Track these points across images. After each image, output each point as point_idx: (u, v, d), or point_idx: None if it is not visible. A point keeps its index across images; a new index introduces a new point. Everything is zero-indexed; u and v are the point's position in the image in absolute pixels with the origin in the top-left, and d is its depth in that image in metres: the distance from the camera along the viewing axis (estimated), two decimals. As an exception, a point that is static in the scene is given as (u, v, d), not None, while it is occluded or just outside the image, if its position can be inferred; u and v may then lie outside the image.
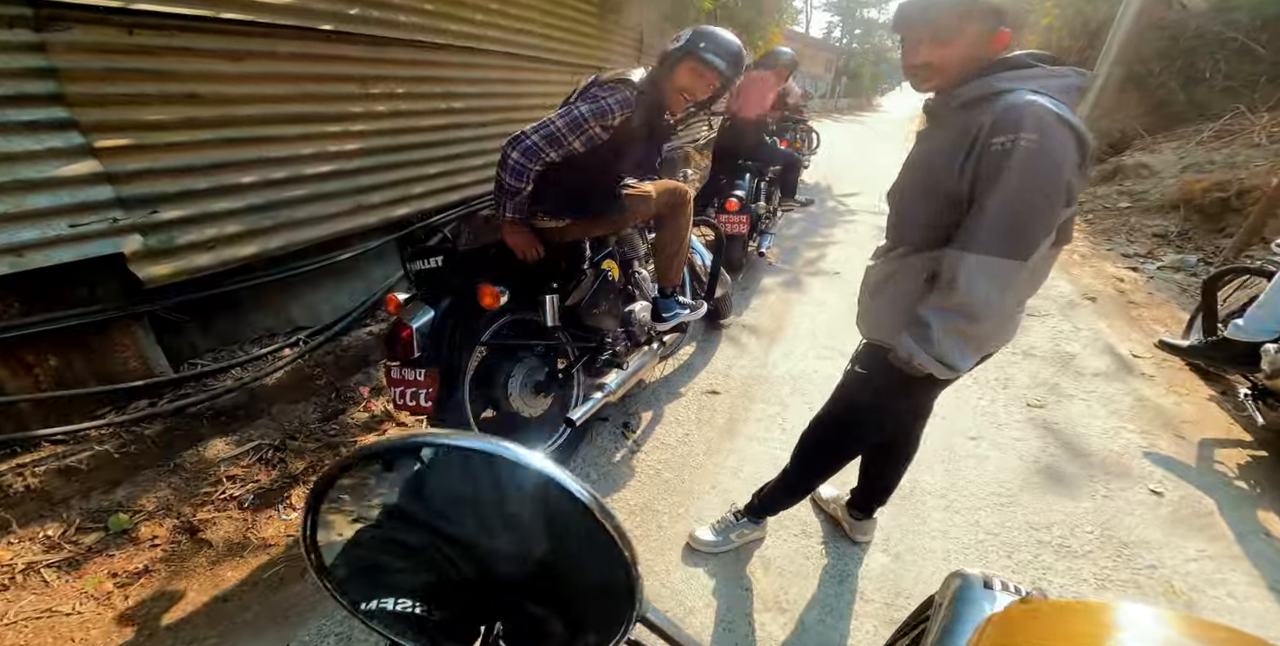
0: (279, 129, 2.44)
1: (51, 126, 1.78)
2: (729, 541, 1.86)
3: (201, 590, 1.68)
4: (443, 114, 3.25)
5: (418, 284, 1.86)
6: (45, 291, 1.87)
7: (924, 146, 1.28)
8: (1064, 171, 1.03)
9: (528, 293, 1.92)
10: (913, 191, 1.28)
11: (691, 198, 2.27)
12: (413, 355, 1.67)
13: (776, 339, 3.36)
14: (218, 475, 2.06)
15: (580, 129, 1.73)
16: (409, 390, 1.72)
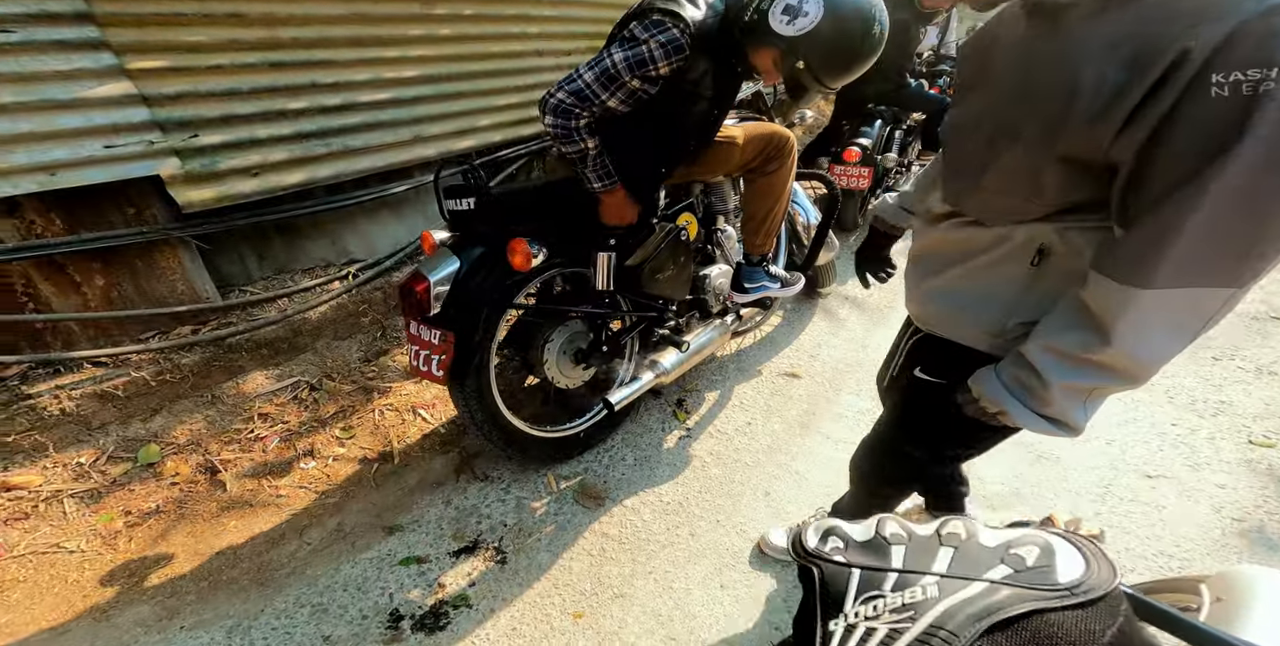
0: (331, 52, 2.29)
1: (80, 46, 1.72)
2: None
3: (201, 538, 1.66)
4: (516, 39, 2.95)
5: (453, 226, 1.63)
6: (88, 210, 1.89)
7: (1025, 56, 0.74)
8: None
9: (578, 246, 1.63)
10: (1001, 134, 0.75)
11: (794, 146, 1.82)
12: (428, 313, 1.46)
13: (884, 317, 2.79)
14: (252, 411, 2.07)
15: (614, 83, 1.35)
16: (423, 353, 1.52)
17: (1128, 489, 1.80)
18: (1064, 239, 0.76)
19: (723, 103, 1.56)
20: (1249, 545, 1.62)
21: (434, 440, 2.01)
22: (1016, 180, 0.75)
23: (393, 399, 2.18)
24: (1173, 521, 1.69)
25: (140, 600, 1.49)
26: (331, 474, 1.88)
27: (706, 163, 1.73)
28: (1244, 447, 1.93)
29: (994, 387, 0.81)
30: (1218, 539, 1.64)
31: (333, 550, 1.62)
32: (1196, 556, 1.59)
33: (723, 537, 1.66)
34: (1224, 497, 1.76)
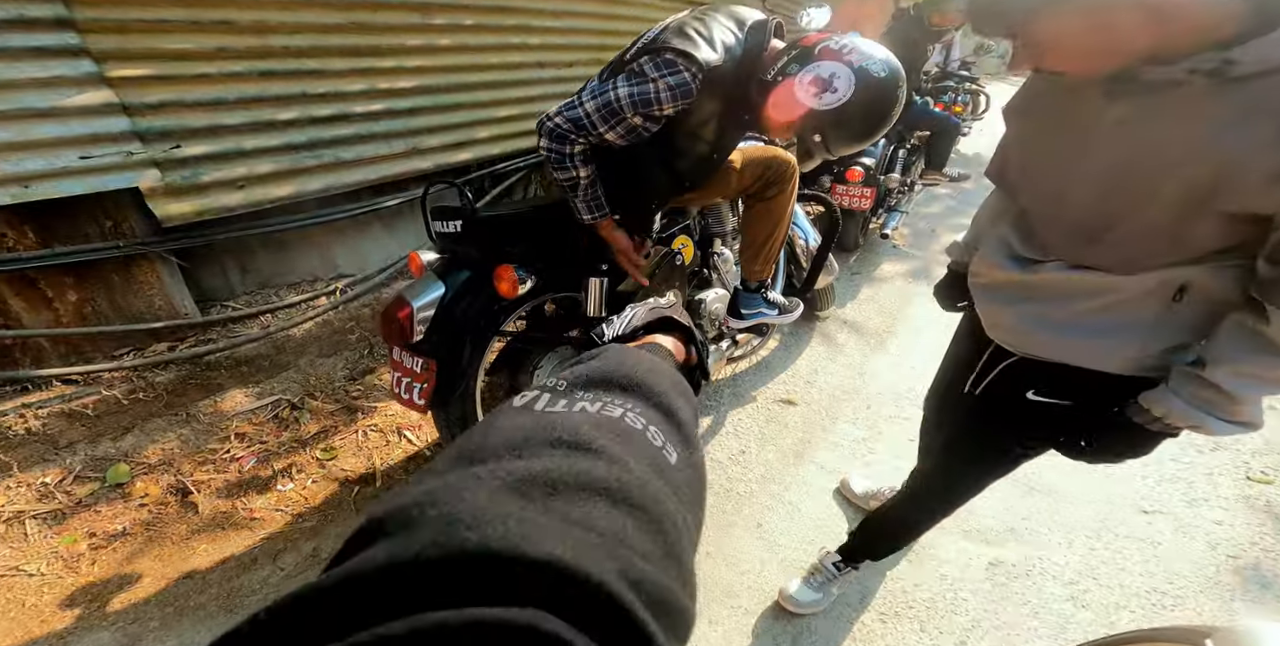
0: (325, 62, 2.27)
1: (59, 53, 1.69)
2: (830, 596, 1.54)
3: (169, 562, 1.61)
4: (517, 50, 2.95)
5: (440, 248, 1.60)
6: (63, 223, 1.85)
7: (1132, 132, 0.78)
8: None
9: (569, 271, 1.61)
10: (1123, 199, 0.81)
11: (795, 171, 1.79)
12: (410, 339, 1.42)
13: (883, 342, 2.78)
14: (229, 430, 2.02)
15: (614, 117, 1.30)
16: (405, 380, 1.49)
17: (1123, 524, 1.79)
18: (1209, 277, 0.81)
19: (723, 148, 1.54)
20: (1243, 583, 1.61)
21: (418, 463, 1.97)
22: (1155, 237, 0.80)
23: (377, 419, 2.14)
24: (1167, 558, 1.68)
25: (100, 626, 1.44)
26: (310, 496, 1.83)
27: (701, 189, 1.70)
28: (1242, 484, 1.93)
29: (1182, 407, 0.86)
30: (1212, 576, 1.63)
31: (307, 576, 1.58)
32: (1190, 594, 1.58)
33: (712, 570, 1.63)
34: (1220, 534, 1.76)
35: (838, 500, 1.87)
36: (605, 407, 0.36)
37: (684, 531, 0.31)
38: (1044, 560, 1.68)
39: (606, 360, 0.43)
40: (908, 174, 3.60)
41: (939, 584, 1.61)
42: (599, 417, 0.35)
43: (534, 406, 0.35)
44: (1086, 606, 1.55)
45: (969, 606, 1.56)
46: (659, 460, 0.34)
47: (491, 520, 0.24)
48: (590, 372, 0.40)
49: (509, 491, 0.27)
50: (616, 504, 0.28)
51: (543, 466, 0.29)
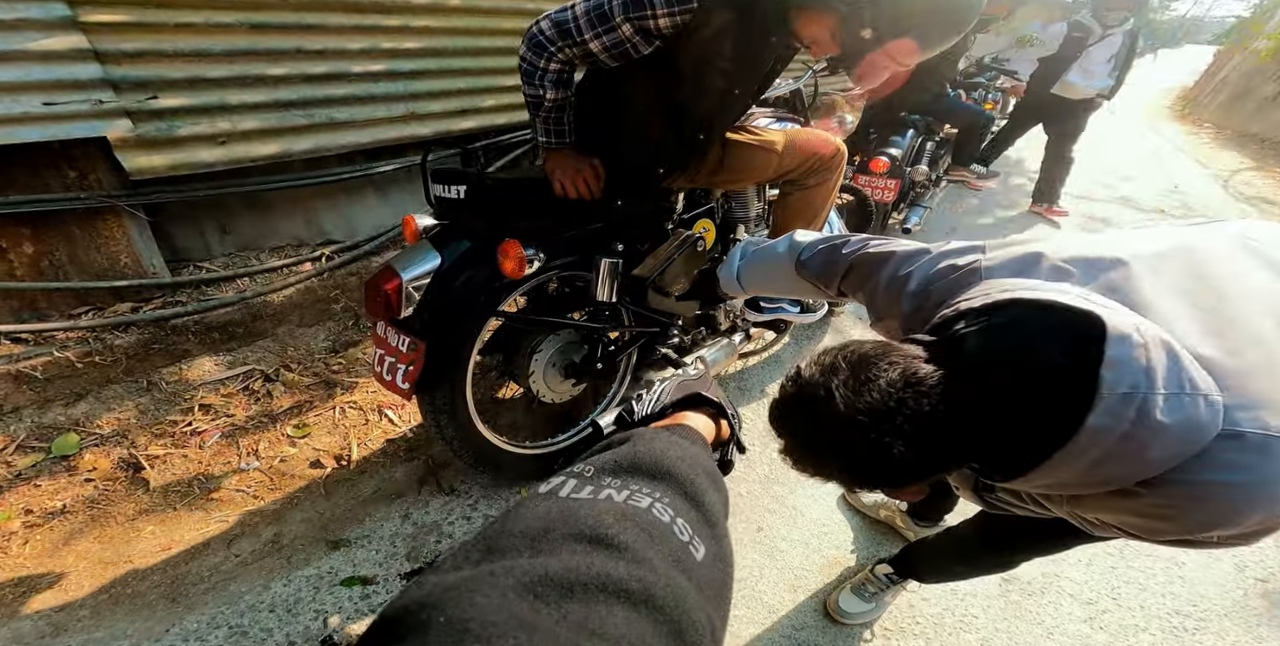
0: (323, 17, 2.13)
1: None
2: (883, 606, 1.46)
3: (109, 545, 1.48)
4: (529, 15, 2.81)
5: (439, 214, 1.45)
6: (21, 171, 1.71)
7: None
8: None
9: (580, 249, 1.48)
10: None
11: (844, 161, 1.66)
12: (397, 315, 1.28)
13: (896, 341, 2.67)
14: (193, 401, 1.89)
15: (604, 23, 1.13)
16: (388, 360, 1.35)
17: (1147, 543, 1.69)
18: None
19: (743, 79, 1.31)
20: (1270, 607, 1.54)
21: (399, 445, 1.85)
22: None
23: (357, 396, 2.01)
24: (1192, 579, 1.60)
25: (22, 614, 1.31)
26: (276, 476, 1.71)
27: (733, 170, 1.56)
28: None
29: None
30: (1238, 600, 1.55)
31: (264, 564, 1.45)
32: (1213, 617, 1.50)
33: (710, 576, 1.52)
34: (1249, 556, 1.68)
35: (843, 507, 1.76)
36: (632, 497, 0.35)
37: (706, 632, 0.31)
38: (1061, 577, 1.58)
39: (635, 444, 0.42)
40: (934, 168, 3.49)
41: (949, 598, 1.51)
42: (625, 507, 0.34)
43: (559, 492, 0.35)
44: (1104, 628, 1.46)
45: (979, 623, 1.46)
46: (684, 557, 0.33)
47: (502, 633, 0.24)
48: (619, 458, 0.39)
49: (523, 593, 0.27)
50: (636, 606, 0.28)
51: (560, 565, 0.29)
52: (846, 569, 1.58)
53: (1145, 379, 0.52)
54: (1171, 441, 0.53)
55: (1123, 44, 3.67)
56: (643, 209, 1.57)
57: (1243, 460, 0.53)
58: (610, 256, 1.49)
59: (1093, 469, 0.56)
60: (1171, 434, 0.52)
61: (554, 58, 1.19)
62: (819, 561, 1.59)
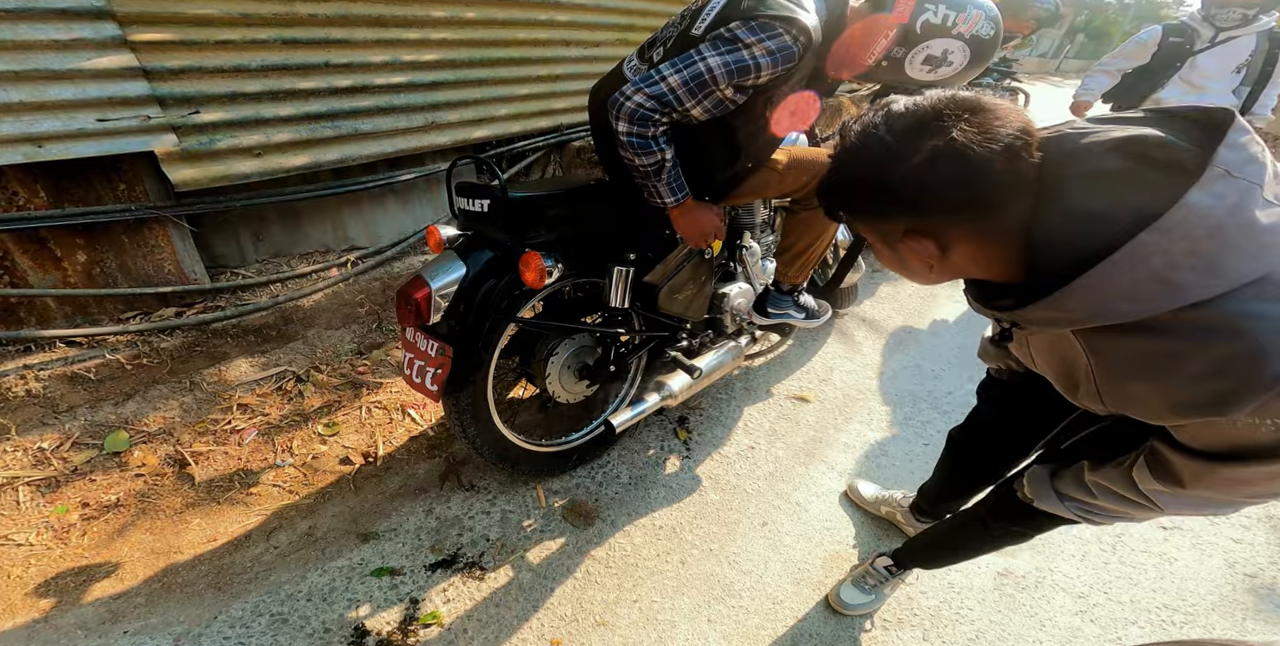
0: (349, 31, 2.24)
1: (82, 15, 1.69)
2: (883, 597, 1.53)
3: (160, 536, 1.61)
4: (544, 27, 2.90)
5: (462, 225, 1.55)
6: (76, 184, 1.85)
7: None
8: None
9: (594, 258, 1.57)
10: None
11: None
12: (427, 322, 1.38)
13: (903, 342, 2.73)
14: (231, 401, 2.02)
15: (704, 90, 1.22)
16: (417, 363, 1.45)
17: (1140, 539, 1.75)
18: None
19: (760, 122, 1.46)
20: (1258, 602, 1.58)
21: (421, 443, 1.97)
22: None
23: (382, 396, 2.13)
24: (1181, 574, 1.66)
25: (84, 601, 1.44)
26: (309, 473, 1.83)
27: (739, 192, 1.63)
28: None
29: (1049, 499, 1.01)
30: (1227, 595, 1.60)
31: (301, 556, 1.57)
32: (1201, 611, 1.56)
33: (715, 568, 1.61)
34: (1239, 552, 1.72)
35: (845, 504, 1.84)
36: None
37: None
38: (1055, 572, 1.65)
39: None
40: None
41: (945, 592, 1.59)
42: None
43: None
44: (1095, 620, 1.53)
45: (974, 616, 1.53)
46: None
47: None
48: None
49: None
50: None
51: None
52: (847, 562, 1.65)
53: (1257, 170, 0.52)
54: (1251, 251, 0.53)
55: (1256, 49, 2.75)
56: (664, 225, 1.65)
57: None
58: (622, 265, 1.58)
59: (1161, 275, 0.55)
60: (1255, 240, 0.52)
61: (659, 124, 1.27)
62: (821, 555, 1.67)
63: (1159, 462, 0.76)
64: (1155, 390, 0.63)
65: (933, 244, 0.66)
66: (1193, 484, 0.72)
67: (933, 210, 0.63)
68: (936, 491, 1.56)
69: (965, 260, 0.68)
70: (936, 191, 0.61)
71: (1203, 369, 0.58)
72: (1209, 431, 0.65)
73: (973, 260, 0.67)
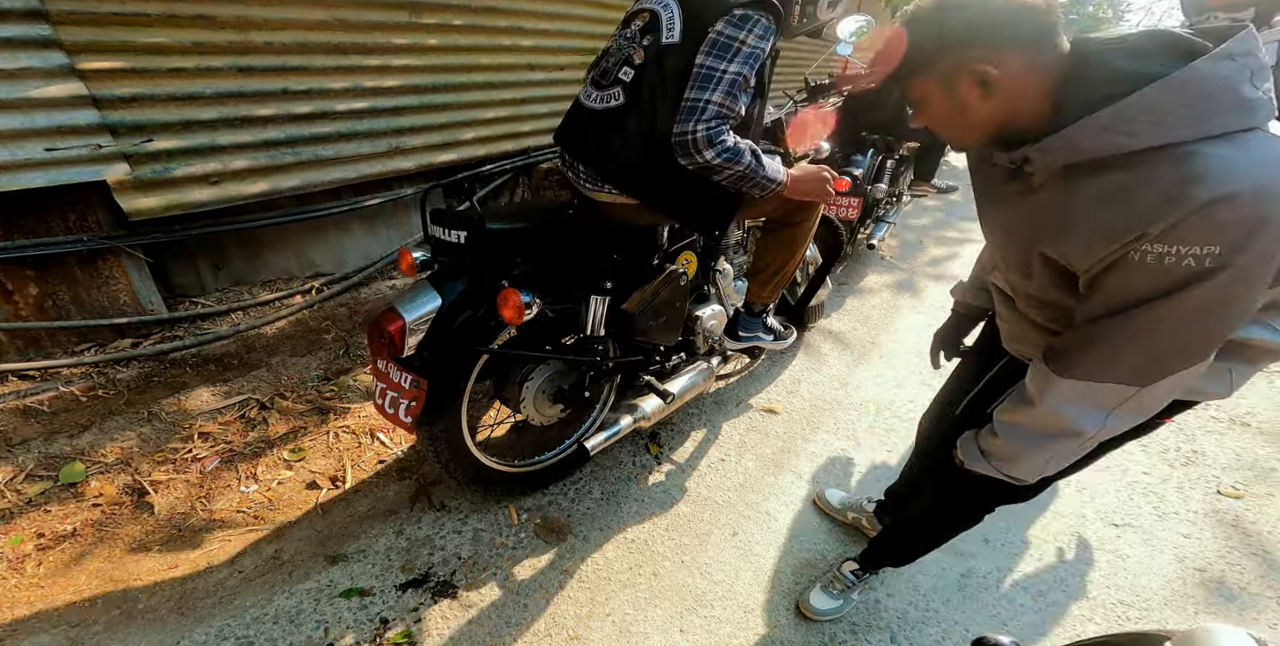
0: (307, 59, 2.31)
1: (29, 44, 1.72)
2: (850, 602, 1.60)
3: (120, 564, 1.60)
4: (508, 52, 3.02)
5: (435, 253, 1.55)
6: (26, 215, 1.86)
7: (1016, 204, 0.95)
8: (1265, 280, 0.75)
9: (572, 288, 1.61)
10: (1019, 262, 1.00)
11: (821, 203, 1.85)
12: (400, 354, 1.36)
13: (867, 354, 2.85)
14: (192, 429, 2.02)
15: (738, 90, 1.35)
16: (390, 394, 1.45)
17: (1093, 537, 1.85)
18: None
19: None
20: (1208, 596, 1.68)
21: (391, 466, 1.99)
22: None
23: (350, 421, 2.16)
24: (1134, 571, 1.75)
25: (41, 628, 1.42)
26: (275, 498, 1.84)
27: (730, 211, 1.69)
28: (1212, 498, 2.01)
29: (974, 452, 1.07)
30: (1178, 589, 1.70)
31: (267, 579, 1.58)
32: (1155, 606, 1.65)
33: (687, 579, 1.66)
34: (1188, 548, 1.83)
35: (813, 511, 1.92)
36: None
37: None
38: (1015, 571, 1.73)
39: None
40: (895, 184, 3.70)
41: (911, 594, 1.66)
42: None
43: None
44: (1054, 618, 1.61)
45: (940, 616, 1.60)
46: None
47: None
48: None
49: None
50: None
51: None
52: (817, 569, 1.72)
53: (1254, 62, 0.69)
54: (1230, 113, 0.69)
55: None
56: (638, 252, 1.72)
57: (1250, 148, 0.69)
58: (599, 294, 1.61)
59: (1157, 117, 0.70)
60: (1237, 107, 0.69)
61: (729, 132, 1.38)
62: (791, 563, 1.74)
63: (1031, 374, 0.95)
64: (1104, 218, 0.76)
65: (997, 71, 0.78)
66: (1042, 393, 0.90)
67: (1003, 34, 0.78)
68: (902, 483, 1.67)
69: (1014, 93, 0.81)
70: (1002, 22, 0.77)
71: (1149, 190, 0.72)
72: (1118, 279, 0.78)
73: (1020, 92, 0.80)
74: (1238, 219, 0.67)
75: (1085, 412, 0.88)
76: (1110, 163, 0.75)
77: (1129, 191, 0.74)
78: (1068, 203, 0.81)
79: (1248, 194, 0.66)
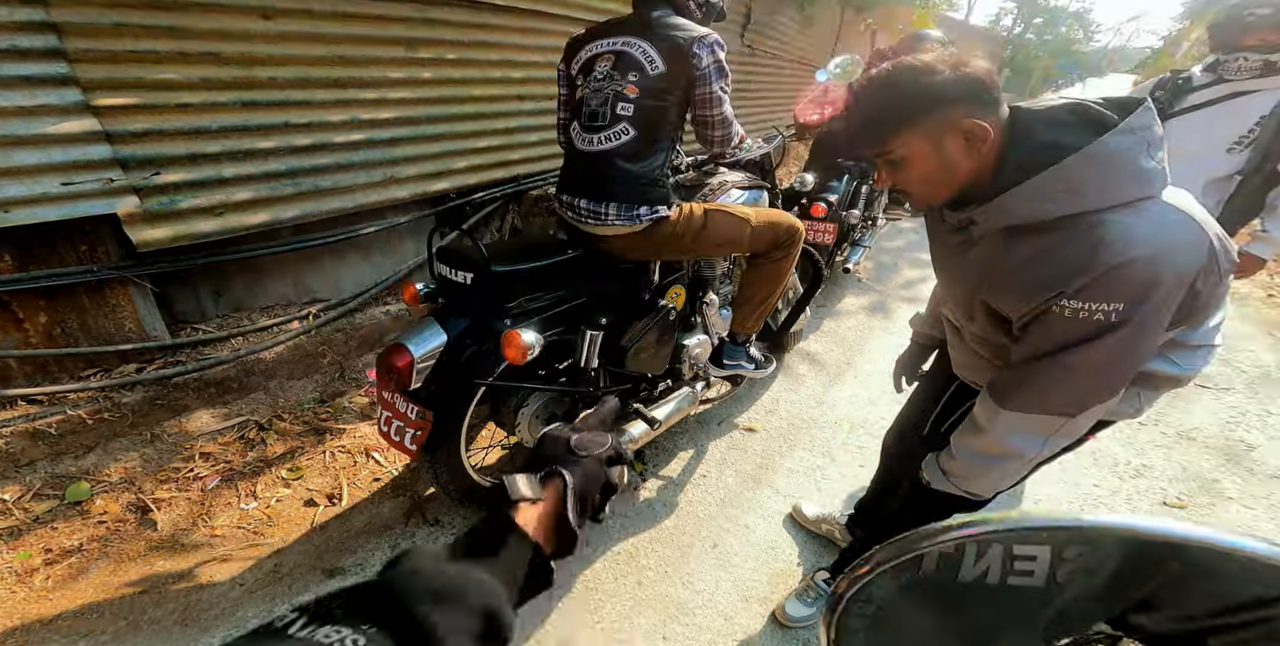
0: (308, 93, 2.45)
1: (47, 82, 1.82)
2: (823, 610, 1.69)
3: (125, 577, 1.69)
4: (498, 84, 3.19)
5: (439, 289, 1.67)
6: (39, 246, 1.95)
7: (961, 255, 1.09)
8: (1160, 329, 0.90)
9: (569, 323, 1.72)
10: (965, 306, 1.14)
11: (802, 236, 1.99)
12: (408, 387, 1.46)
13: (842, 374, 3.00)
14: (193, 450, 2.12)
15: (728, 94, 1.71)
16: (396, 423, 1.55)
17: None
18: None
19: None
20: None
21: (386, 483, 2.09)
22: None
23: (346, 441, 2.26)
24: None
25: (50, 638, 1.51)
26: (274, 514, 1.94)
27: (713, 238, 1.81)
28: (1158, 509, 2.16)
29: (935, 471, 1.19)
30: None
31: (268, 592, 1.67)
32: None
33: (669, 589, 1.77)
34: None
35: (789, 524, 2.03)
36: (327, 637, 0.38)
37: None
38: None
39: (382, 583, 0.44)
40: (870, 209, 3.88)
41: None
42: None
43: (287, 629, 0.38)
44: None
45: (910, 623, 1.73)
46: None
47: None
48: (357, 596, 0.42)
49: None
50: None
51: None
52: (792, 578, 1.84)
53: (1151, 135, 0.83)
54: (1131, 183, 0.83)
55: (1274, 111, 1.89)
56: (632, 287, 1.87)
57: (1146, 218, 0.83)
58: (594, 329, 1.72)
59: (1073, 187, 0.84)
60: (1136, 177, 0.83)
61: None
62: (768, 573, 1.85)
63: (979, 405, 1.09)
64: (1032, 275, 0.90)
65: (984, 123, 0.89)
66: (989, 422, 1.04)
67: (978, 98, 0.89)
68: (870, 497, 1.79)
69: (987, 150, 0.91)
70: (978, 87, 0.89)
71: (1067, 254, 0.86)
72: (1044, 327, 0.92)
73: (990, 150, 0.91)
74: (1136, 281, 0.82)
75: (1026, 438, 1.02)
76: (1039, 226, 0.89)
77: (1052, 253, 0.88)
78: (1004, 260, 0.95)
79: (1144, 260, 0.81)
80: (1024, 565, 0.50)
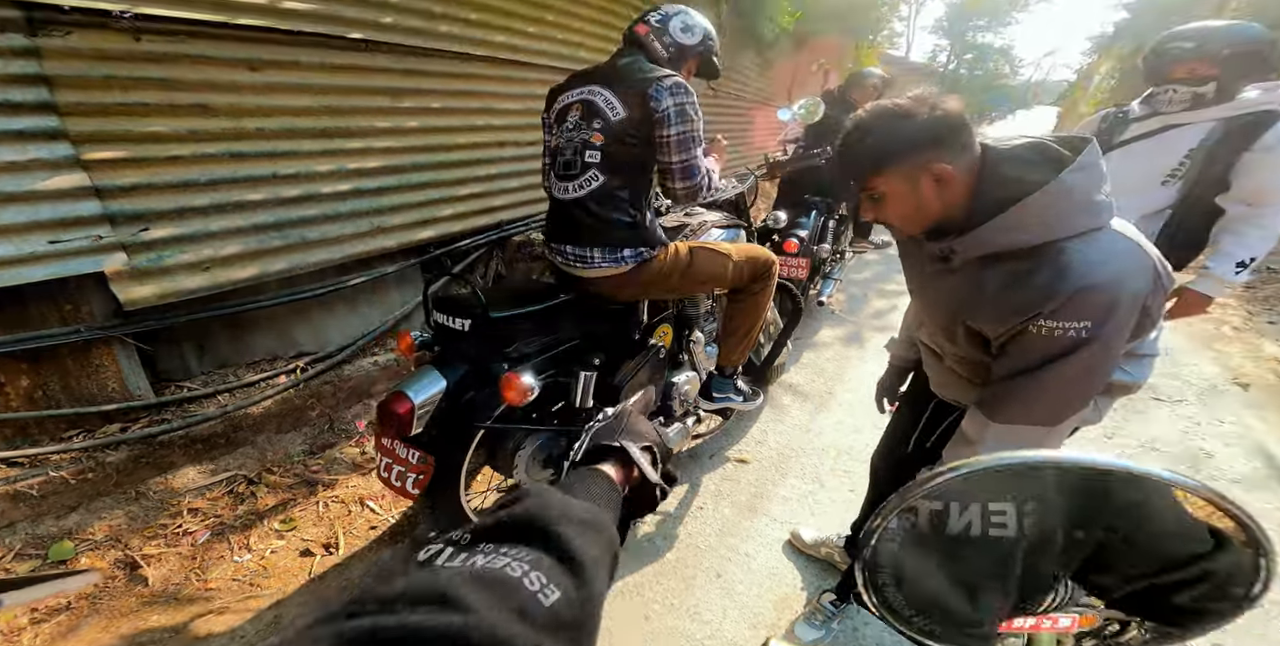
0: (295, 144, 2.49)
1: (38, 136, 1.82)
2: (832, 631, 1.75)
3: (116, 634, 1.64)
4: (480, 131, 3.31)
5: (436, 337, 1.72)
6: (23, 307, 1.92)
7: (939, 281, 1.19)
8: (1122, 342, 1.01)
9: (564, 364, 1.79)
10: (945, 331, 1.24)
11: (777, 268, 2.11)
12: (409, 434, 1.50)
13: (825, 403, 3.12)
14: (181, 506, 2.08)
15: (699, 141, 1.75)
16: (397, 469, 1.58)
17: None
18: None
19: None
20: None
21: (384, 531, 2.09)
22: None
23: (339, 491, 2.25)
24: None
25: (42, 701, 1.46)
26: (269, 566, 1.91)
27: (698, 275, 1.91)
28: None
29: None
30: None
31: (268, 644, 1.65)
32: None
33: (676, 621, 1.79)
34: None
35: (789, 550, 2.10)
36: (492, 559, 0.40)
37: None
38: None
39: (516, 509, 0.47)
40: (838, 243, 4.09)
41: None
42: (480, 571, 0.38)
43: (435, 561, 0.40)
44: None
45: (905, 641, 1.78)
46: (530, 605, 0.37)
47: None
48: (495, 522, 0.45)
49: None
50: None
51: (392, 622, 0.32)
52: (798, 603, 1.88)
53: (1099, 171, 0.94)
54: (1086, 214, 0.94)
55: (1203, 143, 1.87)
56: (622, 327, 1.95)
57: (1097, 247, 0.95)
58: (588, 370, 1.78)
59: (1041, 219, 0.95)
60: (1089, 208, 0.94)
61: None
62: (772, 599, 1.89)
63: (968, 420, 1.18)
64: (1010, 298, 1.00)
65: (951, 167, 0.99)
66: (979, 436, 1.12)
67: (948, 142, 1.00)
68: (865, 518, 1.86)
69: (956, 189, 1.02)
70: (949, 131, 0.99)
71: (1038, 279, 0.96)
72: (1023, 345, 1.02)
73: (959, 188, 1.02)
74: (1099, 302, 0.94)
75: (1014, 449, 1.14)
76: (1015, 253, 1.00)
77: (1027, 277, 0.98)
78: (982, 285, 1.05)
79: (1104, 284, 0.94)
80: (998, 519, 0.66)
